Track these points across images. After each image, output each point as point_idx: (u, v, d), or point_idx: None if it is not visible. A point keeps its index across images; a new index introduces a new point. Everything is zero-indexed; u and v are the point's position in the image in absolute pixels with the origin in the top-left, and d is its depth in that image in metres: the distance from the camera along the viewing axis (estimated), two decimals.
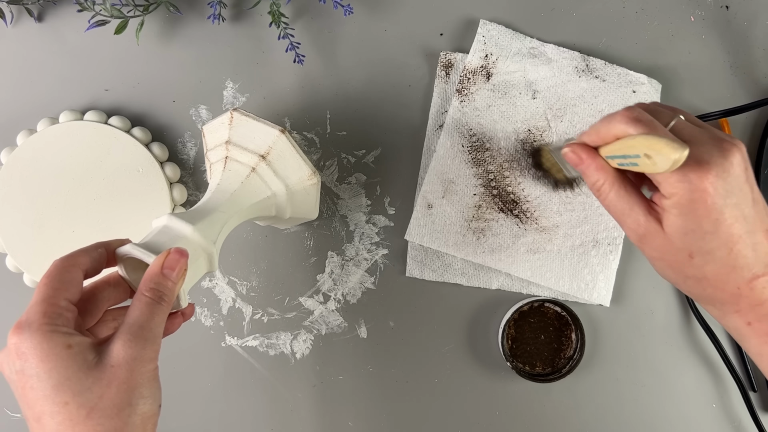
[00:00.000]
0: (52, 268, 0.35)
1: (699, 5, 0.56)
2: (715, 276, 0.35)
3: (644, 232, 0.36)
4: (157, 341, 0.35)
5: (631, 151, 0.34)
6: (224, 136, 0.46)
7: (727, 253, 0.34)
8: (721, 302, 0.36)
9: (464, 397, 0.55)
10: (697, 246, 0.34)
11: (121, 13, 0.52)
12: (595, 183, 0.38)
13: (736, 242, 0.34)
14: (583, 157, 0.38)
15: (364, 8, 0.56)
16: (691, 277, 0.35)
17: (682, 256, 0.35)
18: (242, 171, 0.45)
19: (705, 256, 0.34)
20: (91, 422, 0.32)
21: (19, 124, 0.55)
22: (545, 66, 0.54)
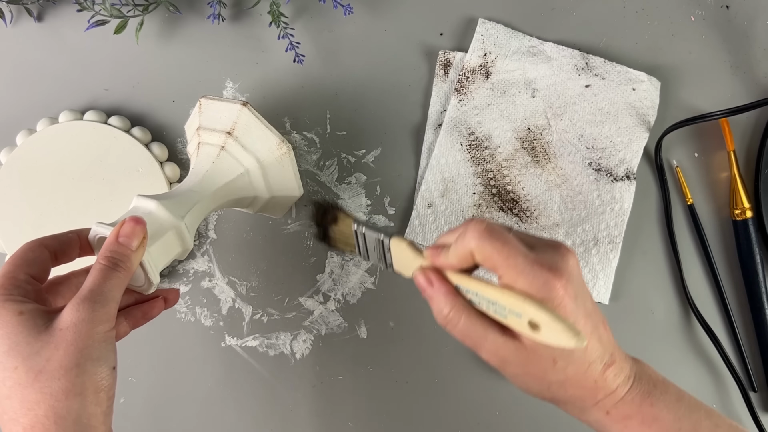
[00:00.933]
0: (19, 249, 0.37)
1: (699, 5, 0.56)
2: (575, 375, 0.35)
3: (504, 353, 0.35)
4: (110, 305, 0.35)
5: (510, 305, 0.33)
6: (196, 124, 0.48)
7: (583, 352, 0.35)
8: (581, 399, 0.36)
9: (464, 397, 0.54)
10: (560, 351, 0.34)
11: (121, 13, 0.52)
12: (441, 311, 0.36)
13: (588, 339, 0.35)
14: (434, 283, 0.36)
15: (364, 8, 0.56)
16: (554, 382, 0.36)
17: (547, 363, 0.35)
18: (212, 151, 0.46)
19: (567, 358, 0.35)
20: (38, 384, 0.32)
21: (19, 123, 0.55)
22: (545, 64, 0.54)
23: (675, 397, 0.37)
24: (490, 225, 0.34)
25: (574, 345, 0.31)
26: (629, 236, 0.54)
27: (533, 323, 0.32)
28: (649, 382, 0.37)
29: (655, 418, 0.36)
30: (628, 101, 0.54)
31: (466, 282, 0.36)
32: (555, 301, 0.33)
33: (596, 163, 0.54)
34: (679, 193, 0.55)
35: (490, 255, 0.34)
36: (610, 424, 0.37)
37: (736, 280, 0.54)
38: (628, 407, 0.36)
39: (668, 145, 0.55)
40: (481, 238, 0.34)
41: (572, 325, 0.31)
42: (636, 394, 0.36)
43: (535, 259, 0.34)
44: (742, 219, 0.53)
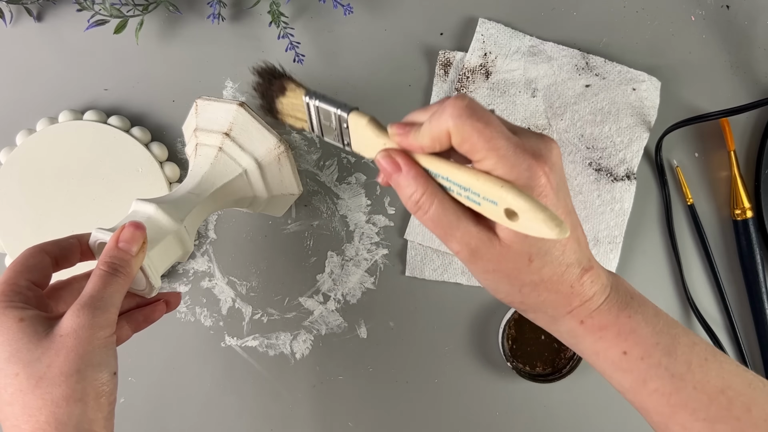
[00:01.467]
0: (19, 255, 0.37)
1: (699, 5, 0.56)
2: (551, 277, 0.33)
3: (477, 244, 0.32)
4: (110, 310, 0.35)
5: (487, 192, 0.30)
6: (193, 125, 0.47)
7: (561, 252, 0.32)
8: (554, 306, 0.34)
9: (464, 397, 0.54)
10: (537, 247, 0.32)
11: (121, 13, 0.52)
12: (411, 196, 0.32)
13: (567, 239, 0.32)
14: (401, 165, 0.33)
15: (364, 7, 0.56)
16: (528, 283, 0.33)
17: (522, 261, 0.32)
18: (210, 153, 0.46)
19: (543, 257, 0.32)
20: (39, 391, 0.32)
21: (19, 123, 0.55)
22: (545, 64, 0.54)
23: (653, 312, 0.34)
24: (471, 102, 0.31)
25: (555, 235, 0.28)
26: (629, 236, 0.54)
27: (510, 211, 0.29)
28: (626, 294, 0.35)
29: (632, 329, 0.34)
30: (629, 101, 0.54)
31: (436, 165, 0.32)
32: (537, 189, 0.31)
33: (596, 163, 0.54)
34: (680, 193, 0.55)
35: (469, 136, 0.30)
36: (584, 335, 0.34)
37: (737, 280, 0.54)
38: (604, 317, 0.34)
39: (668, 145, 0.55)
40: (461, 116, 0.30)
41: (554, 214, 0.28)
42: (613, 304, 0.34)
43: (518, 143, 0.31)
44: (742, 219, 0.53)
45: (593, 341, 0.34)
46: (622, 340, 0.34)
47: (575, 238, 0.33)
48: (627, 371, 0.34)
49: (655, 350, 0.33)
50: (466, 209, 0.32)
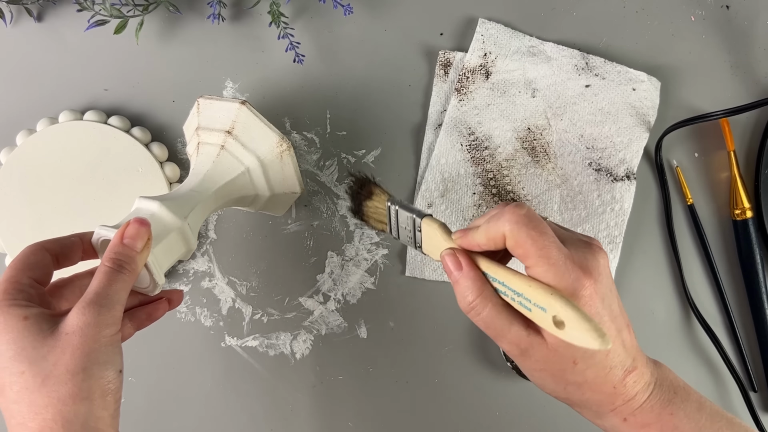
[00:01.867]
0: (20, 252, 0.37)
1: (699, 5, 0.56)
2: (594, 379, 0.34)
3: (527, 346, 0.34)
4: (116, 308, 0.35)
5: (536, 299, 0.32)
6: (195, 124, 0.47)
7: (605, 356, 0.34)
8: (598, 404, 0.35)
9: (464, 397, 0.54)
10: (582, 352, 0.33)
11: (121, 13, 0.52)
12: (466, 297, 0.35)
13: (612, 343, 0.33)
14: (462, 264, 0.35)
15: (364, 8, 0.56)
16: (572, 383, 0.35)
17: (567, 364, 0.34)
18: (212, 151, 0.46)
19: (587, 360, 0.34)
20: (45, 389, 0.32)
21: (19, 123, 0.55)
22: (545, 64, 0.54)
23: (696, 406, 0.36)
24: (529, 211, 0.34)
25: (598, 346, 0.30)
26: (629, 236, 0.54)
27: (558, 320, 0.31)
28: (669, 390, 0.36)
29: (675, 427, 0.35)
30: (628, 101, 0.54)
31: (493, 269, 0.34)
32: (583, 299, 0.33)
33: (596, 163, 0.54)
34: (680, 193, 0.55)
35: (523, 242, 0.33)
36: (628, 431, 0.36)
37: (737, 280, 0.54)
38: (646, 415, 0.35)
39: (668, 145, 0.55)
40: (517, 222, 0.33)
41: (598, 326, 0.30)
42: (656, 402, 0.35)
43: (568, 255, 0.33)
44: (742, 219, 0.53)
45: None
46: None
47: (620, 342, 0.34)
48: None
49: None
50: (516, 313, 0.34)
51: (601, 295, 0.33)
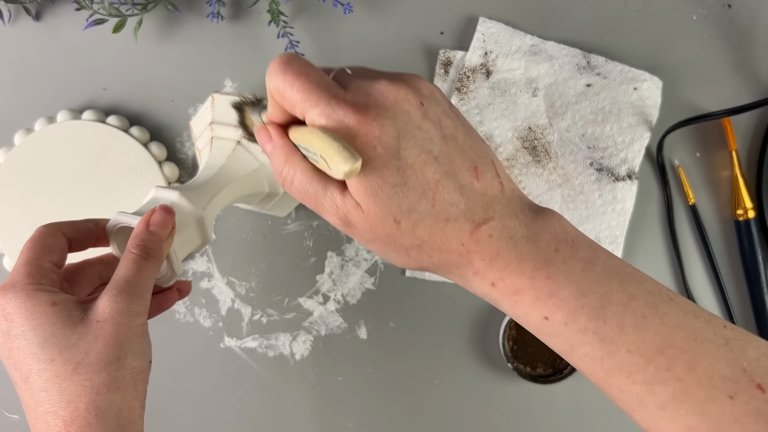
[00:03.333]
0: (36, 233, 0.35)
1: (701, 4, 0.56)
2: (431, 236, 0.29)
3: (345, 213, 0.30)
4: (145, 296, 0.34)
5: (309, 146, 0.29)
6: (208, 119, 0.47)
7: (431, 206, 0.29)
8: (454, 266, 0.30)
9: (465, 398, 0.54)
10: (396, 205, 0.28)
11: (120, 12, 0.52)
12: (277, 167, 0.31)
13: (435, 188, 0.29)
14: (272, 137, 0.32)
15: (364, 6, 0.56)
16: (410, 247, 0.30)
17: (389, 225, 0.29)
18: (227, 146, 0.46)
19: (409, 215, 0.29)
20: (78, 377, 0.32)
21: (17, 123, 0.54)
22: (546, 63, 0.54)
23: (582, 265, 0.30)
24: (287, 57, 0.29)
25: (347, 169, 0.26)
26: (631, 236, 0.54)
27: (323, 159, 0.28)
28: (549, 246, 0.30)
29: (551, 293, 0.29)
30: (630, 100, 0.54)
31: (296, 134, 0.31)
32: (360, 138, 0.28)
33: (598, 163, 0.54)
34: (681, 193, 0.55)
35: (283, 91, 0.29)
36: (499, 298, 0.31)
37: (738, 280, 0.54)
38: (516, 279, 0.29)
39: (670, 144, 0.55)
40: (274, 71, 0.29)
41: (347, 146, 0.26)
42: (527, 261, 0.29)
43: (335, 94, 0.29)
44: (744, 219, 0.53)
45: (510, 306, 0.30)
46: (540, 305, 0.29)
47: (454, 187, 0.29)
48: (552, 336, 0.30)
49: (580, 314, 0.29)
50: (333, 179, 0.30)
51: (395, 132, 0.28)
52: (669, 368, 0.28)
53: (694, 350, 0.28)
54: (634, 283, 0.30)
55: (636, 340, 0.29)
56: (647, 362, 0.28)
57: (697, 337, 0.29)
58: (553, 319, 0.29)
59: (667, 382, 0.28)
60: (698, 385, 0.28)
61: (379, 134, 0.28)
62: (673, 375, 0.28)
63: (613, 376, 0.29)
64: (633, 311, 0.29)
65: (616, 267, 0.30)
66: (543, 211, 0.31)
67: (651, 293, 0.30)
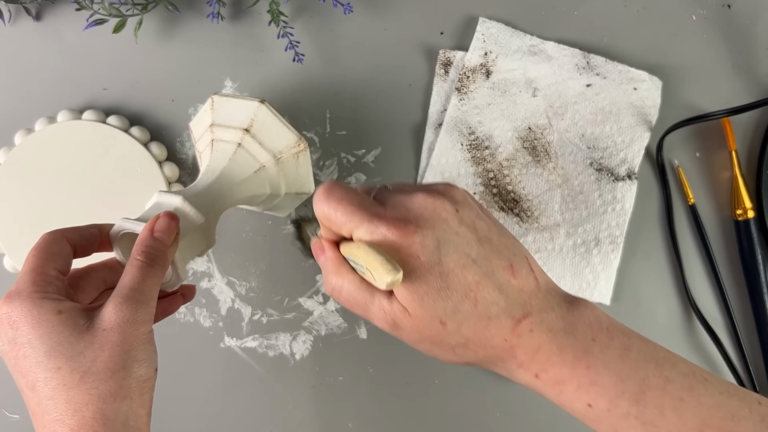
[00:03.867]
0: (41, 240, 0.35)
1: (701, 4, 0.56)
2: (476, 334, 0.31)
3: (392, 317, 0.32)
4: (151, 304, 0.34)
5: (357, 258, 0.31)
6: (208, 121, 0.47)
7: (473, 306, 0.31)
8: (500, 360, 0.32)
9: (465, 398, 0.54)
10: (441, 308, 0.30)
11: (120, 12, 0.52)
12: (327, 277, 0.34)
13: (476, 289, 0.31)
14: (324, 250, 0.34)
15: (364, 7, 0.56)
16: (456, 345, 0.32)
17: (435, 326, 0.31)
18: (228, 148, 0.46)
19: (454, 316, 0.31)
20: (84, 386, 0.32)
21: (17, 123, 0.54)
22: (546, 63, 0.54)
23: (618, 352, 0.31)
24: (332, 183, 0.32)
25: (390, 280, 0.28)
26: (631, 236, 0.54)
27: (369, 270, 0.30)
28: (586, 336, 0.31)
29: (592, 381, 0.31)
30: (630, 101, 0.54)
31: (346, 248, 0.33)
32: (403, 250, 0.30)
33: (597, 163, 0.54)
34: (681, 193, 0.55)
35: (329, 216, 0.32)
36: (543, 389, 0.32)
37: (738, 280, 0.54)
38: (558, 370, 0.31)
39: (670, 144, 0.55)
40: (317, 201, 0.32)
41: (390, 259, 0.28)
42: (568, 353, 0.31)
43: (376, 213, 0.31)
44: (743, 219, 0.53)
45: (555, 395, 0.32)
46: (583, 393, 0.31)
47: (493, 287, 0.31)
48: (597, 422, 0.32)
49: (622, 400, 0.31)
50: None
51: (435, 241, 0.30)
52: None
53: (732, 429, 0.30)
54: (669, 366, 0.32)
55: (676, 423, 0.30)
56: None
57: (734, 416, 0.30)
58: (596, 406, 0.31)
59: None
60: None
61: (421, 244, 0.30)
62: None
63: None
64: (671, 394, 0.30)
65: (651, 352, 0.32)
66: (577, 302, 0.33)
67: (686, 375, 0.31)
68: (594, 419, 0.32)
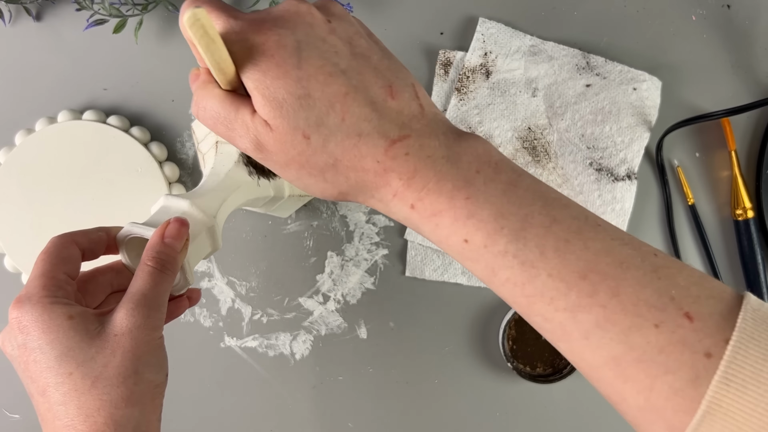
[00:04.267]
0: (50, 244, 0.35)
1: (700, 4, 0.56)
2: (344, 153, 0.28)
3: (255, 134, 0.29)
4: (162, 310, 0.34)
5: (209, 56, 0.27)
6: None
7: (341, 119, 0.28)
8: (375, 188, 0.29)
9: (464, 398, 0.54)
10: (302, 118, 0.27)
11: (120, 12, 0.52)
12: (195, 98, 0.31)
13: (342, 101, 0.28)
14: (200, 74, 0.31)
15: (364, 7, 0.56)
16: (324, 167, 0.29)
17: (300, 142, 0.28)
18: (233, 151, 0.46)
19: (318, 129, 0.28)
20: (96, 391, 0.31)
21: (18, 123, 0.55)
22: (545, 63, 0.54)
23: (503, 187, 0.29)
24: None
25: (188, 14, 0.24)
26: None
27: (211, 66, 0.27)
28: (470, 167, 0.29)
29: (470, 214, 0.28)
30: (629, 101, 0.54)
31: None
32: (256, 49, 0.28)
33: (597, 163, 0.54)
34: (681, 193, 0.55)
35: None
36: (420, 222, 0.30)
37: (738, 280, 0.54)
38: (435, 200, 0.28)
39: (669, 144, 0.55)
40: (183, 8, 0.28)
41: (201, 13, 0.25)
42: (447, 182, 0.28)
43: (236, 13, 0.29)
44: (743, 219, 0.53)
45: (431, 230, 0.29)
46: (460, 226, 0.28)
47: (367, 101, 0.28)
48: (473, 261, 0.29)
49: (500, 236, 0.28)
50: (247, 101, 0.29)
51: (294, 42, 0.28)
52: (592, 294, 0.27)
53: (619, 276, 0.27)
54: (559, 207, 0.29)
55: (557, 264, 0.27)
56: (569, 288, 0.27)
57: (623, 263, 0.27)
58: (472, 241, 0.28)
59: (590, 309, 0.27)
60: (623, 313, 0.26)
61: (277, 43, 0.27)
62: (597, 301, 0.27)
63: (535, 303, 0.28)
64: (555, 234, 0.28)
65: (541, 191, 0.29)
66: (467, 135, 0.30)
67: (576, 218, 0.28)
68: (471, 257, 0.29)
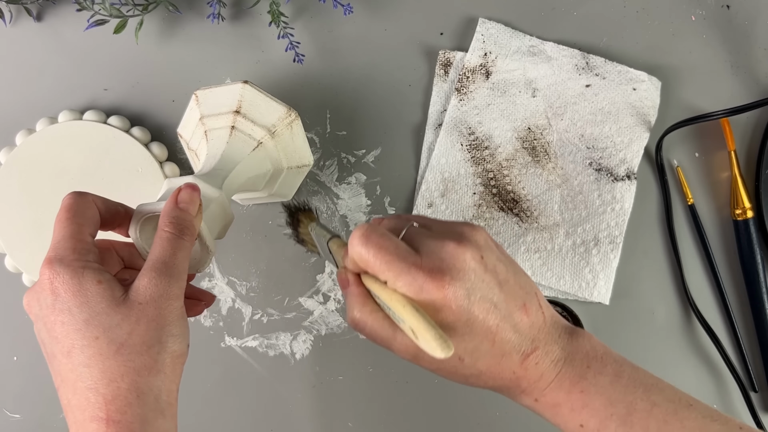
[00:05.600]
0: (71, 202, 0.35)
1: (700, 4, 0.56)
2: (489, 369, 0.34)
3: (415, 352, 0.34)
4: (182, 278, 0.34)
5: (396, 311, 0.32)
6: (196, 116, 0.47)
7: (491, 345, 0.33)
8: (507, 389, 0.36)
9: (464, 397, 0.54)
10: (462, 348, 0.33)
11: (120, 13, 0.52)
12: (350, 314, 0.35)
13: (495, 332, 0.33)
14: (350, 282, 0.35)
15: (364, 7, 0.56)
16: (469, 376, 0.34)
17: (454, 362, 0.34)
18: (224, 133, 0.46)
19: (472, 354, 0.33)
20: (120, 358, 0.32)
21: (18, 123, 0.55)
22: (545, 64, 0.54)
23: (610, 378, 0.34)
24: (368, 229, 0.33)
25: (440, 355, 0.29)
26: (630, 236, 0.54)
27: (413, 332, 0.31)
28: (582, 364, 0.35)
29: (585, 404, 0.34)
30: (629, 101, 0.54)
31: (374, 285, 0.34)
32: (438, 303, 0.32)
33: (597, 163, 0.54)
34: (680, 193, 0.55)
35: (366, 261, 0.33)
36: (542, 411, 0.36)
37: (737, 280, 0.54)
38: (555, 395, 0.35)
39: (669, 144, 0.55)
40: (356, 244, 0.33)
41: (441, 333, 0.30)
42: (565, 380, 0.35)
43: (414, 263, 0.32)
44: (742, 219, 0.53)
45: (551, 416, 0.36)
46: (576, 415, 0.34)
47: (509, 327, 0.34)
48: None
49: (610, 421, 0.34)
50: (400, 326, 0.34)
51: (465, 291, 0.32)
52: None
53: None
54: (656, 391, 0.34)
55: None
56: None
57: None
58: (587, 426, 0.34)
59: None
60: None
61: (454, 295, 0.32)
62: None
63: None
64: (656, 417, 0.33)
65: (640, 378, 0.35)
66: (576, 333, 0.36)
67: (671, 400, 0.34)
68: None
